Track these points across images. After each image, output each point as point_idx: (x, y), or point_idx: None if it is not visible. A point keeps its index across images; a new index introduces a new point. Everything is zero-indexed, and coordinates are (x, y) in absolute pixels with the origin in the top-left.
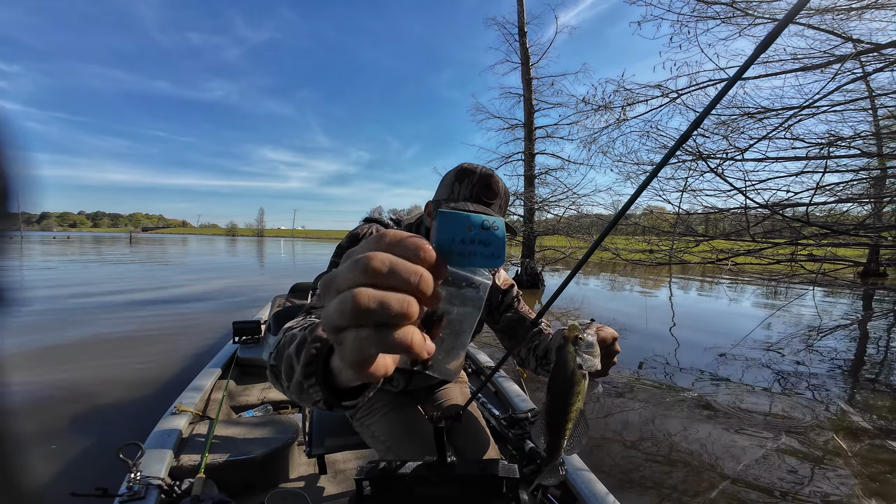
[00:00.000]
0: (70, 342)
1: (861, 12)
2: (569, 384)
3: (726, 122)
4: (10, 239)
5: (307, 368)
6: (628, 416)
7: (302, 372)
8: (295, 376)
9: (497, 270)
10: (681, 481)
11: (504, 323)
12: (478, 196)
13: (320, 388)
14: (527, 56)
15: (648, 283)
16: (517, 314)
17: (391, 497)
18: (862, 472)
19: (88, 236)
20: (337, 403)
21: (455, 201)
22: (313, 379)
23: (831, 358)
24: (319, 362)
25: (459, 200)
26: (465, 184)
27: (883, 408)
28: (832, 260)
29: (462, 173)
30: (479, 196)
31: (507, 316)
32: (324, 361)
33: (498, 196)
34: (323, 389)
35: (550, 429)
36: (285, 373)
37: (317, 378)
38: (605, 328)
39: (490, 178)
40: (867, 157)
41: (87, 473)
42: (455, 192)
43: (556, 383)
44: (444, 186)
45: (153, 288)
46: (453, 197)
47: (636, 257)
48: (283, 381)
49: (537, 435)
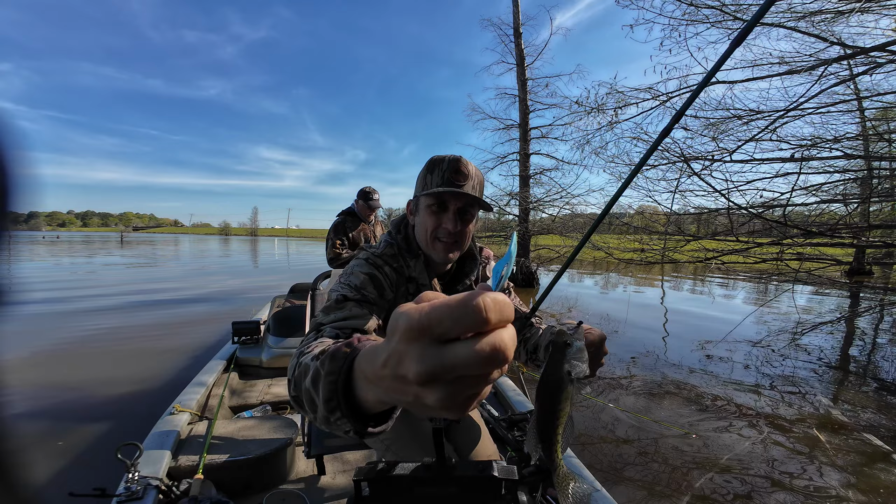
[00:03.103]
0: (68, 342)
1: (848, 16)
2: (557, 393)
3: (715, 124)
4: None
5: (329, 404)
6: (618, 413)
7: (325, 407)
8: (319, 410)
9: (489, 261)
10: (668, 473)
11: None
12: (449, 181)
13: (347, 420)
14: (522, 57)
15: (641, 282)
16: None
17: (390, 498)
18: (840, 465)
19: (78, 236)
20: (365, 432)
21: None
22: (338, 413)
23: (818, 357)
24: (339, 396)
25: (432, 188)
26: (436, 173)
27: (864, 403)
28: (814, 259)
29: (432, 165)
30: (450, 181)
31: None
32: (343, 392)
33: (469, 178)
34: (350, 421)
35: (542, 436)
36: (308, 405)
37: (341, 411)
38: (593, 330)
39: (458, 163)
40: (851, 159)
41: (86, 473)
42: (429, 183)
43: (545, 392)
44: (419, 181)
45: (152, 287)
46: (427, 187)
47: (628, 256)
48: (309, 413)
49: (530, 446)
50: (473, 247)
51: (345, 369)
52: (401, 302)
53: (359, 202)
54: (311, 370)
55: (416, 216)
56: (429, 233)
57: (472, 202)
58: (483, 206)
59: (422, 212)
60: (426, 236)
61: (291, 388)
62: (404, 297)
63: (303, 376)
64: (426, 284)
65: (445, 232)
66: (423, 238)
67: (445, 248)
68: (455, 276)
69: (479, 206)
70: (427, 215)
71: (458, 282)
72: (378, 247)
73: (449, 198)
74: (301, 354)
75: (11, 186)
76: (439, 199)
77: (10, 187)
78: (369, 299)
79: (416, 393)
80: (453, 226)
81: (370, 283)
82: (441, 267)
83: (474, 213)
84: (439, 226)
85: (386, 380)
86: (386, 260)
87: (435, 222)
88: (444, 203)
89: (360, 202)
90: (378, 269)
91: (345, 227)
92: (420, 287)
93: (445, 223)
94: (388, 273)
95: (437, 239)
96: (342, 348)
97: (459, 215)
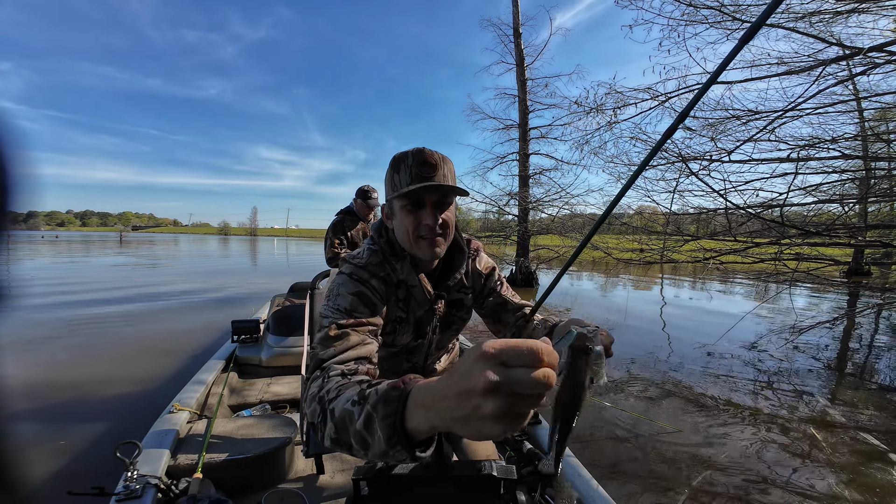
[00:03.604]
0: (68, 342)
1: (846, 16)
2: (579, 397)
3: (713, 124)
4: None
5: (391, 440)
6: (616, 412)
7: (387, 444)
8: (375, 447)
9: (479, 252)
10: (666, 472)
11: (488, 307)
12: (419, 176)
13: (405, 450)
14: (521, 57)
15: (641, 283)
16: (500, 297)
17: (388, 497)
18: (837, 464)
19: (77, 236)
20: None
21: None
22: (399, 447)
23: (816, 356)
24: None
25: (403, 188)
26: (403, 171)
27: (861, 402)
28: (812, 259)
29: (396, 162)
30: (419, 176)
31: (490, 300)
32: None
33: (437, 167)
34: (407, 450)
35: (561, 435)
36: (358, 444)
37: (402, 445)
38: (605, 334)
39: (423, 154)
40: (849, 159)
41: (84, 472)
42: (398, 183)
43: (567, 396)
44: (387, 183)
45: (152, 287)
46: (397, 188)
47: (627, 256)
48: (358, 452)
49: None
50: (459, 238)
51: (400, 410)
52: (393, 310)
53: (357, 201)
54: (360, 415)
55: (392, 219)
56: (410, 233)
57: (448, 192)
58: (458, 192)
59: (398, 214)
60: (408, 237)
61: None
62: (395, 304)
63: (348, 422)
64: (416, 285)
65: (427, 228)
66: (405, 240)
67: (430, 244)
68: (444, 272)
69: (455, 193)
70: (404, 216)
71: (448, 277)
72: (361, 256)
73: (422, 193)
74: (322, 400)
75: (12, 186)
76: (413, 197)
77: (11, 186)
78: (362, 321)
79: (477, 404)
80: (433, 220)
81: (360, 303)
82: (428, 264)
83: (451, 200)
84: (419, 223)
85: (448, 399)
86: (371, 271)
87: (414, 221)
88: (419, 199)
89: (358, 201)
90: (364, 285)
91: (343, 226)
92: (410, 289)
93: (425, 219)
94: (376, 286)
95: (420, 237)
96: (391, 392)
97: (437, 208)
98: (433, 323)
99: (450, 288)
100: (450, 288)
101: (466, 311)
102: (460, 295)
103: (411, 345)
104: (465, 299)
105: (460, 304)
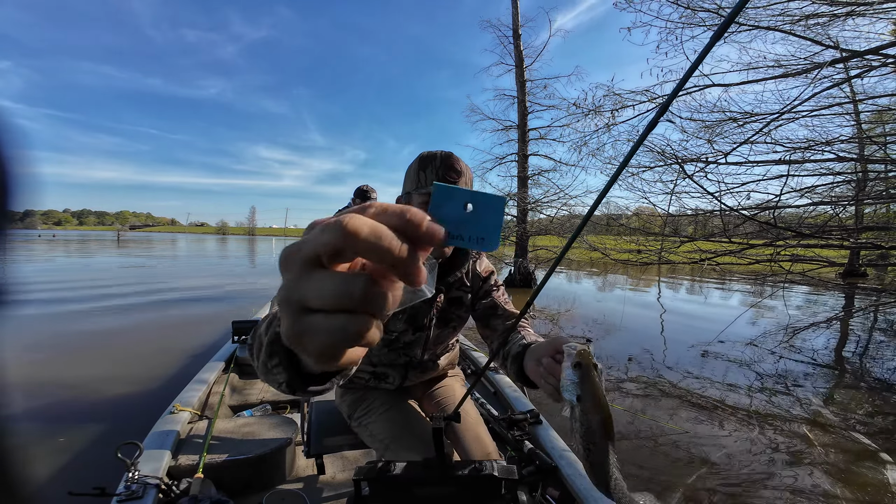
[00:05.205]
0: (67, 342)
1: (843, 19)
2: (606, 409)
3: (710, 126)
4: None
5: (271, 346)
6: (616, 412)
7: (266, 350)
8: (261, 355)
9: (480, 255)
10: (661, 470)
11: (481, 310)
12: (443, 178)
13: (283, 370)
14: (521, 58)
15: (638, 283)
16: (491, 302)
17: (389, 497)
18: (830, 464)
19: (74, 235)
20: (301, 388)
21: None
22: (276, 359)
23: (811, 357)
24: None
25: (428, 187)
26: (430, 170)
27: (855, 403)
28: (808, 260)
29: (424, 161)
30: (444, 178)
31: (484, 303)
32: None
33: (462, 174)
34: (287, 371)
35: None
36: (255, 351)
37: (280, 358)
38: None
39: (451, 159)
40: (843, 161)
41: (85, 472)
42: (421, 180)
43: (593, 413)
44: (410, 177)
45: (152, 286)
46: (421, 185)
47: (624, 257)
48: (254, 360)
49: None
50: None
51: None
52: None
53: (356, 200)
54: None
55: None
56: None
57: None
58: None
59: (415, 207)
60: None
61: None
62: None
63: (262, 322)
64: None
65: None
66: None
67: None
68: (445, 271)
69: None
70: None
71: (448, 274)
72: None
73: None
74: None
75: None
76: None
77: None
78: None
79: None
80: None
81: None
82: None
83: None
84: None
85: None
86: None
87: None
88: None
89: (357, 200)
90: None
91: None
92: None
93: None
94: None
95: None
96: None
97: None
98: (430, 315)
99: (450, 284)
100: (450, 284)
101: (465, 309)
102: (460, 293)
103: (409, 338)
104: (465, 298)
105: (459, 303)
